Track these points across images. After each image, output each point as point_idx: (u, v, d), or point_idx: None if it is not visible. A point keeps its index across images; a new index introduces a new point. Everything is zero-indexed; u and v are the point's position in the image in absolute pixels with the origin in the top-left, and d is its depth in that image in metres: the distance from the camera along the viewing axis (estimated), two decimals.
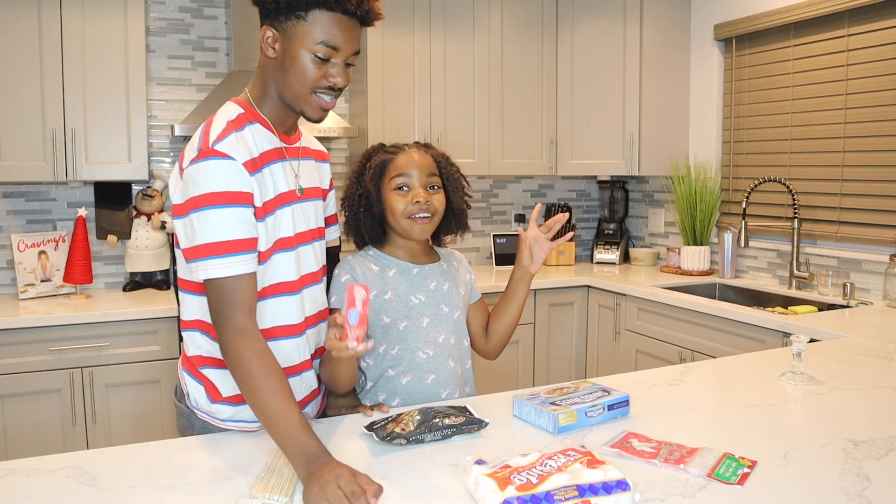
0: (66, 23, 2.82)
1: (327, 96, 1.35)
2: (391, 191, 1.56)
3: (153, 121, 3.27)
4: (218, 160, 1.27)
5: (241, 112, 1.38)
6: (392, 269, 1.60)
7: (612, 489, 1.05)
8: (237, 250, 1.27)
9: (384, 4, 3.31)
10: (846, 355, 1.96)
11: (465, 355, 1.67)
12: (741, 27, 3.37)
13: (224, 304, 1.26)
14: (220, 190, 1.26)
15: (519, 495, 1.01)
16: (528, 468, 1.08)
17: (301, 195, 1.45)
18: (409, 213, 1.54)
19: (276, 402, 1.18)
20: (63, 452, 1.29)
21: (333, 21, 1.30)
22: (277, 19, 1.32)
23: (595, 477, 1.06)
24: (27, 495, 1.11)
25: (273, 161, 1.38)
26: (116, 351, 2.73)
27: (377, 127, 3.37)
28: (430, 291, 1.60)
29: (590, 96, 3.69)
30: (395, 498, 1.09)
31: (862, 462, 1.21)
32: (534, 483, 1.04)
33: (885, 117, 2.80)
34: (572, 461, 1.10)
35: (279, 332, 1.40)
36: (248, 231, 1.29)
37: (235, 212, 1.27)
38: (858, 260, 2.88)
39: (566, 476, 1.05)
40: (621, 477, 1.07)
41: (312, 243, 1.48)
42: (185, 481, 1.16)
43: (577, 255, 4.19)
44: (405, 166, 1.55)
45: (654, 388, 1.64)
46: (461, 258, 1.75)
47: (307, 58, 1.31)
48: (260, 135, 1.38)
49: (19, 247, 2.95)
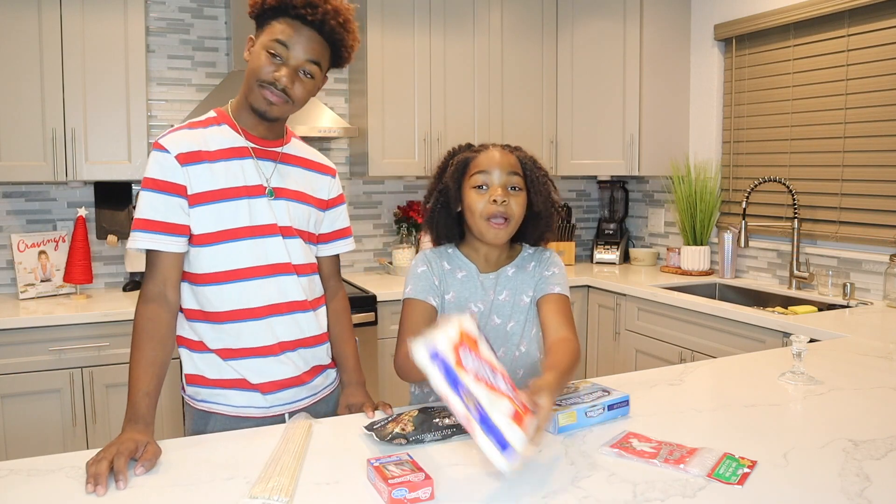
0: (66, 23, 2.82)
1: (269, 92, 1.46)
2: (470, 188, 1.55)
3: (153, 121, 3.27)
4: (156, 152, 1.46)
5: (211, 116, 1.55)
6: (461, 272, 1.60)
7: (504, 445, 1.04)
8: (159, 230, 1.44)
9: (384, 4, 3.31)
10: (846, 355, 1.96)
11: (519, 364, 1.62)
12: (741, 27, 3.37)
13: (146, 272, 1.47)
14: (153, 177, 1.45)
15: (448, 363, 1.03)
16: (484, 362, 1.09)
17: (271, 196, 1.53)
18: (486, 213, 1.52)
19: (137, 366, 1.39)
20: (63, 452, 1.29)
21: (290, 25, 1.45)
22: (256, 30, 1.51)
23: (498, 419, 1.05)
24: (27, 495, 1.11)
25: (231, 157, 1.50)
26: (116, 351, 2.73)
27: (377, 127, 3.37)
28: (490, 301, 1.59)
29: (590, 96, 3.69)
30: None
31: (862, 462, 1.21)
32: (467, 369, 1.05)
33: (885, 117, 2.80)
34: (508, 396, 1.09)
35: (238, 314, 1.51)
36: (172, 216, 1.45)
37: (164, 198, 1.44)
38: (858, 260, 2.88)
39: (486, 396, 1.06)
40: (519, 447, 1.05)
41: (279, 237, 1.54)
42: (185, 481, 1.16)
43: (577, 255, 4.19)
44: (486, 164, 1.55)
45: (654, 388, 1.64)
46: (548, 257, 1.65)
47: (261, 55, 1.46)
48: (223, 135, 1.52)
49: (19, 247, 2.95)
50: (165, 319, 1.44)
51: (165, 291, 1.45)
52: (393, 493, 1.05)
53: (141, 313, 1.44)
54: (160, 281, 1.45)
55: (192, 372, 1.55)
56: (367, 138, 3.37)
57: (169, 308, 1.46)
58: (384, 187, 3.75)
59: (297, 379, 1.58)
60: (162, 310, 1.44)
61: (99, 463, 1.15)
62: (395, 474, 1.08)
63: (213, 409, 1.54)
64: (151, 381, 1.38)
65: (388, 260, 3.67)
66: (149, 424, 1.33)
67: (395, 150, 3.42)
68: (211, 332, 1.52)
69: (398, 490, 1.05)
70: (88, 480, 1.13)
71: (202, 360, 1.54)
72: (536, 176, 1.59)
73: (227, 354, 1.52)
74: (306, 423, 1.40)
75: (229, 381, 1.53)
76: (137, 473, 1.18)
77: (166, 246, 1.44)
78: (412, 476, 1.08)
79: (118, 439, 1.24)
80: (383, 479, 1.07)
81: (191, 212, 1.47)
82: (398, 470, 1.10)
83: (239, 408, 1.54)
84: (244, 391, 1.54)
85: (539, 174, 1.60)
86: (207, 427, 1.53)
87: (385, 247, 3.78)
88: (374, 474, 1.11)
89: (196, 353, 1.54)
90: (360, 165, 3.49)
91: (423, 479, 1.08)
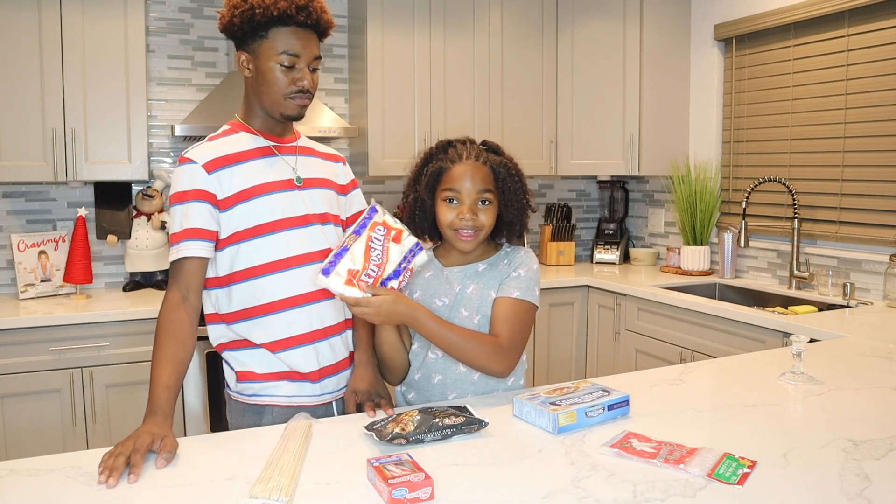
0: (66, 23, 2.82)
1: (299, 99, 1.56)
2: (442, 200, 1.59)
3: (153, 121, 3.27)
4: (183, 165, 1.53)
5: (226, 129, 1.62)
6: (429, 272, 1.65)
7: (332, 263, 1.42)
8: (187, 237, 1.50)
9: (384, 4, 3.31)
10: (846, 355, 1.96)
11: None
12: (741, 27, 3.37)
13: (171, 278, 1.53)
14: (181, 189, 1.52)
15: (370, 218, 1.50)
16: (382, 250, 1.44)
17: (300, 184, 1.61)
18: (455, 226, 1.57)
19: (158, 363, 1.43)
20: (63, 452, 1.29)
21: (290, 33, 1.51)
22: (246, 43, 1.54)
23: (342, 261, 1.44)
24: (27, 495, 1.11)
25: (257, 157, 1.58)
26: (116, 351, 2.73)
27: (377, 127, 3.37)
28: (455, 294, 1.61)
29: (590, 96, 3.69)
30: None
31: (862, 462, 1.21)
32: (371, 237, 1.49)
33: (885, 117, 2.80)
34: (364, 265, 1.45)
35: (287, 303, 1.56)
36: (200, 222, 1.50)
37: (191, 205, 1.50)
38: (858, 260, 2.88)
39: (359, 250, 1.46)
40: (338, 284, 1.41)
41: (318, 225, 1.61)
42: (185, 481, 1.16)
43: (577, 255, 4.19)
44: (457, 179, 1.56)
45: (654, 388, 1.64)
46: (521, 257, 1.64)
47: (275, 69, 1.52)
48: (243, 139, 1.59)
49: (19, 247, 2.95)
50: (187, 321, 1.49)
51: (189, 296, 1.51)
52: (393, 493, 1.05)
53: (164, 316, 1.49)
54: (184, 286, 1.51)
55: (241, 369, 1.59)
56: (367, 138, 3.37)
57: (191, 312, 1.51)
58: (384, 187, 3.75)
59: (338, 365, 1.65)
60: (185, 313, 1.49)
61: (116, 457, 1.17)
62: (395, 474, 1.08)
63: (266, 402, 1.58)
64: (171, 377, 1.41)
65: None
66: (167, 417, 1.36)
67: (395, 149, 3.42)
68: (256, 327, 1.56)
69: (398, 490, 1.05)
70: (102, 471, 1.15)
71: (249, 357, 1.58)
72: (508, 186, 1.59)
73: (275, 347, 1.56)
74: (306, 423, 1.40)
75: (279, 373, 1.58)
76: (158, 466, 1.20)
77: (193, 251, 1.50)
78: (412, 476, 1.08)
79: (136, 433, 1.26)
80: (383, 479, 1.07)
81: (225, 214, 1.53)
82: (398, 470, 1.10)
83: (292, 397, 1.58)
84: (295, 382, 1.59)
85: (512, 184, 1.59)
86: (263, 420, 1.57)
87: None
88: (374, 474, 1.11)
89: (241, 351, 1.59)
90: (360, 165, 3.49)
91: (423, 479, 1.08)
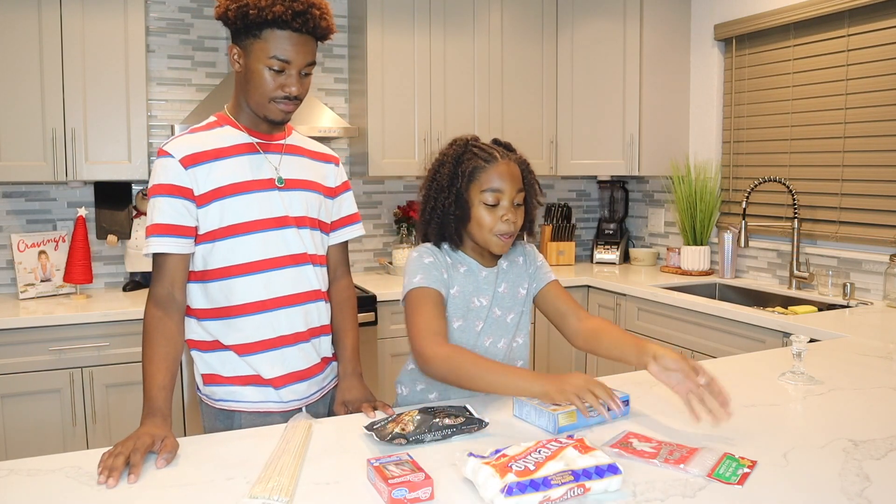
0: (66, 23, 2.82)
1: (284, 105, 1.51)
2: (480, 203, 1.52)
3: (153, 121, 3.27)
4: (160, 158, 1.49)
5: (212, 120, 1.57)
6: (463, 267, 1.60)
7: (604, 473, 1.08)
8: (167, 232, 1.47)
9: (384, 4, 3.31)
10: (846, 355, 1.96)
11: (516, 355, 1.66)
12: (741, 27, 3.37)
13: (153, 275, 1.50)
14: (159, 182, 1.48)
15: (519, 480, 1.03)
16: (524, 455, 1.10)
17: (282, 185, 1.56)
18: (498, 231, 1.52)
19: (151, 362, 1.41)
20: (63, 452, 1.29)
21: (284, 37, 1.45)
22: (240, 38, 1.49)
23: (587, 462, 1.09)
24: (27, 495, 1.11)
25: (238, 154, 1.53)
26: (116, 351, 2.73)
27: (377, 127, 3.37)
28: (492, 295, 1.60)
29: (590, 96, 3.68)
30: None
31: (862, 462, 1.21)
32: (531, 469, 1.06)
33: (885, 117, 2.80)
34: (564, 447, 1.12)
35: (257, 306, 1.53)
36: (179, 218, 1.47)
37: (170, 201, 1.47)
38: (858, 260, 2.88)
39: (561, 462, 1.08)
40: (611, 461, 1.10)
41: (293, 228, 1.57)
42: (185, 481, 1.16)
43: (577, 255, 4.19)
44: (498, 181, 1.51)
45: (654, 388, 1.64)
46: (528, 250, 1.69)
47: (264, 71, 1.47)
48: (227, 134, 1.55)
49: (19, 247, 2.95)
50: (175, 318, 1.48)
51: (173, 292, 1.49)
52: (393, 493, 1.05)
53: (151, 314, 1.47)
54: (168, 283, 1.49)
55: (207, 372, 1.57)
56: (367, 138, 3.37)
57: (177, 308, 1.50)
58: (384, 187, 3.75)
59: (308, 371, 1.61)
60: (171, 310, 1.48)
61: (116, 457, 1.17)
62: (395, 474, 1.08)
63: (234, 408, 1.56)
64: (166, 376, 1.41)
65: (388, 260, 3.67)
66: (166, 417, 1.36)
67: (395, 150, 3.42)
68: (226, 328, 1.54)
69: (398, 490, 1.05)
70: (101, 472, 1.14)
71: (216, 359, 1.56)
72: (531, 182, 1.60)
73: (243, 350, 1.54)
74: (306, 423, 1.40)
75: (244, 377, 1.56)
76: (159, 466, 1.20)
77: (174, 248, 1.48)
78: (412, 476, 1.07)
79: (135, 434, 1.25)
80: (383, 479, 1.07)
81: (202, 210, 1.49)
82: (398, 470, 1.10)
83: (257, 403, 1.56)
84: (259, 387, 1.56)
85: (532, 179, 1.61)
86: (233, 425, 1.55)
87: (385, 247, 3.78)
88: (374, 474, 1.11)
89: (209, 353, 1.56)
90: (360, 165, 3.49)
91: (423, 479, 1.08)
